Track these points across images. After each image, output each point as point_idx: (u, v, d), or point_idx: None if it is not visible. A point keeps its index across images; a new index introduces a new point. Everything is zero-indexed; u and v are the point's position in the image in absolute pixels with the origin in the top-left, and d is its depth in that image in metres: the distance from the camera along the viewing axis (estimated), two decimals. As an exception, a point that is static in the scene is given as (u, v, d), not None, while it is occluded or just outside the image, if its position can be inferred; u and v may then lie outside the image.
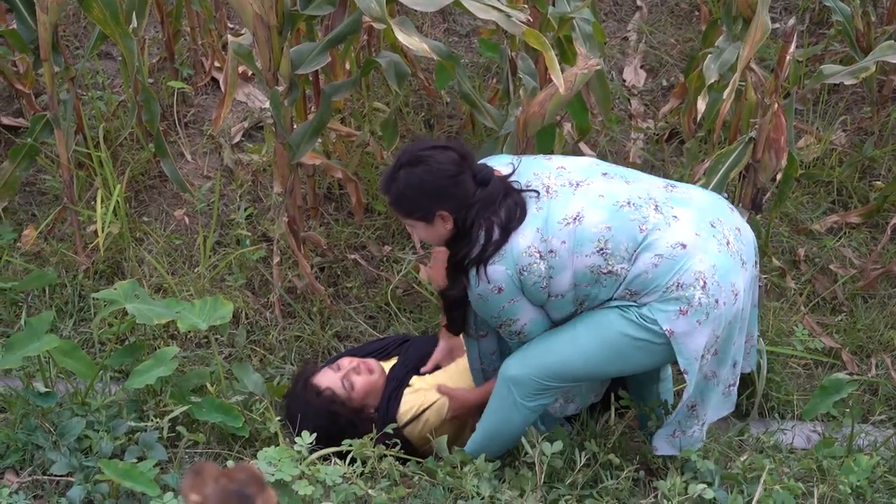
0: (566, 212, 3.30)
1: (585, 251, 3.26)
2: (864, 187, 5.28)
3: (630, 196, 3.34)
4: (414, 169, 3.34)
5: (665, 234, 3.27)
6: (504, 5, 3.78)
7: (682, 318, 3.25)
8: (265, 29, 3.86)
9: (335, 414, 3.79)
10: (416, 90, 5.56)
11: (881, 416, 4.29)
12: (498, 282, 3.31)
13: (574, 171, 3.42)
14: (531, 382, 3.46)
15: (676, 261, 3.25)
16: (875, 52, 4.19)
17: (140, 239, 4.82)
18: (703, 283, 3.23)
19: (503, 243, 3.29)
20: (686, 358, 3.29)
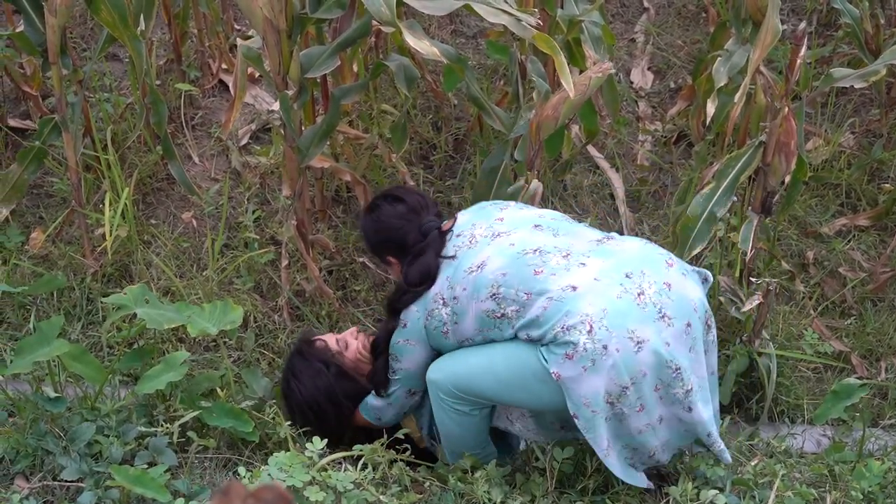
0: (473, 261, 3.47)
1: (481, 296, 3.39)
2: (873, 190, 5.28)
3: (542, 245, 3.41)
4: (368, 216, 3.81)
5: (560, 279, 3.29)
6: (513, 9, 3.77)
7: (568, 363, 3.20)
8: (274, 32, 3.86)
9: (327, 362, 3.88)
10: (423, 92, 5.55)
11: (891, 421, 4.29)
12: (407, 318, 3.59)
13: (507, 222, 3.59)
14: (447, 389, 3.49)
15: (564, 303, 3.23)
16: (885, 56, 4.18)
17: (148, 242, 4.81)
18: (589, 328, 3.17)
19: (416, 297, 3.57)
20: (574, 403, 3.23)
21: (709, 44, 5.34)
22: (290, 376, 3.89)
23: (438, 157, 5.28)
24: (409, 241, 3.65)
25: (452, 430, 3.59)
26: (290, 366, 3.92)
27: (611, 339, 3.17)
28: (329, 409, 3.86)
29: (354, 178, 4.58)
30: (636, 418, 3.28)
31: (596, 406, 3.22)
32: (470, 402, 3.50)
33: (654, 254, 3.45)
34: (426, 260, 3.57)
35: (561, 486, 3.53)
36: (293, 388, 3.87)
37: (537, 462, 3.51)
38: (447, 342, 3.52)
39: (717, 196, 4.12)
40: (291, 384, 3.88)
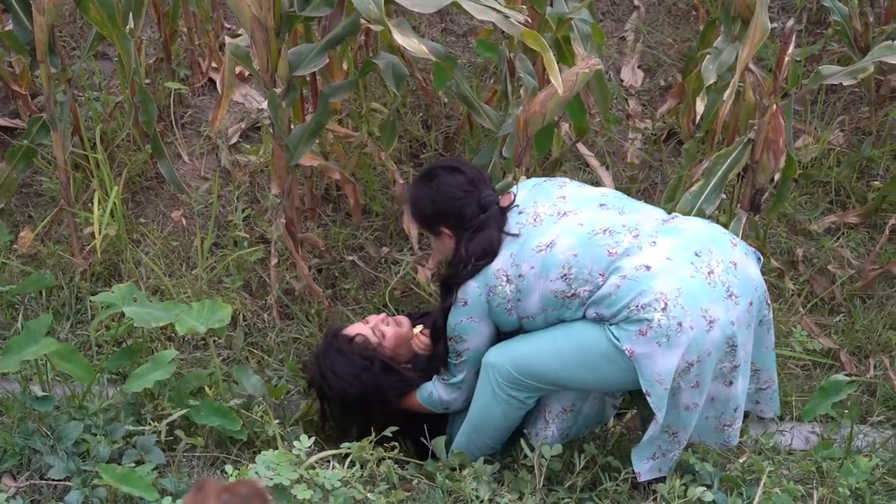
0: (541, 239, 3.45)
1: (551, 276, 3.38)
2: (862, 187, 5.29)
3: (612, 225, 3.42)
4: (426, 185, 3.69)
5: (633, 258, 3.32)
6: (502, 6, 3.77)
7: (642, 339, 3.24)
8: (263, 31, 3.85)
9: (371, 358, 3.87)
10: (413, 90, 5.55)
11: (879, 417, 4.29)
12: (466, 296, 3.54)
13: (571, 201, 3.57)
14: (507, 373, 3.49)
15: (638, 282, 3.27)
16: (873, 53, 4.19)
17: (137, 241, 4.81)
18: (664, 305, 3.23)
19: (474, 273, 3.52)
20: (647, 379, 3.28)
21: (698, 42, 5.34)
22: (329, 374, 3.87)
23: (428, 156, 5.28)
24: (467, 214, 3.59)
25: (494, 418, 3.61)
26: (327, 363, 3.89)
27: (685, 317, 3.24)
28: (376, 405, 3.84)
29: (344, 176, 4.58)
30: (689, 394, 3.36)
31: (667, 382, 3.28)
32: (527, 388, 3.52)
33: (718, 233, 3.51)
34: (488, 234, 3.53)
35: (549, 484, 3.53)
36: (334, 387, 3.86)
37: (525, 459, 3.51)
38: (509, 318, 3.52)
39: (706, 193, 4.12)
40: (332, 382, 3.86)
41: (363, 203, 4.91)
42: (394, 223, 4.93)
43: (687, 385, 3.33)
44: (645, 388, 3.29)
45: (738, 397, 3.49)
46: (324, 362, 3.90)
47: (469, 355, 3.64)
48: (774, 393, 3.70)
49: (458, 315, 3.58)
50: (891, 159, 5.33)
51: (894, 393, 4.35)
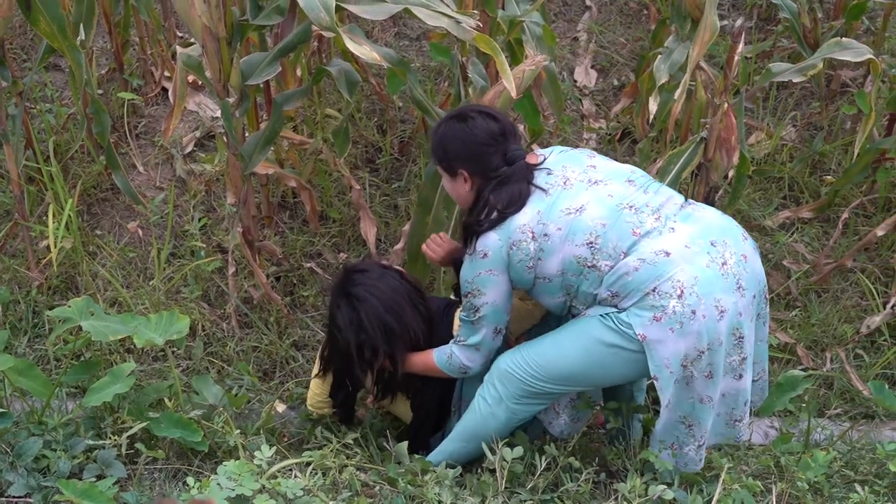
0: (571, 203, 3.40)
1: (577, 241, 3.35)
2: (815, 182, 5.33)
3: (637, 202, 3.41)
4: (456, 124, 3.55)
5: (654, 242, 3.33)
6: (454, 11, 3.78)
7: (656, 325, 3.27)
8: (214, 40, 3.84)
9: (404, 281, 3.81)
10: (367, 95, 5.55)
11: (837, 410, 4.34)
12: (487, 248, 3.44)
13: (601, 171, 3.52)
14: (517, 381, 3.49)
15: (657, 267, 3.28)
16: (822, 49, 4.23)
17: (94, 253, 4.78)
18: (679, 293, 3.25)
19: (499, 222, 3.42)
20: (656, 363, 3.31)
21: (650, 41, 5.38)
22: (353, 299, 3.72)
23: (384, 160, 5.28)
24: (491, 163, 3.50)
25: (491, 428, 3.60)
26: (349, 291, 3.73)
27: (699, 306, 3.27)
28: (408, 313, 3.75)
29: (300, 183, 4.58)
30: (702, 384, 3.39)
31: (674, 367, 3.32)
32: (538, 397, 3.53)
33: (732, 225, 3.53)
34: (517, 186, 3.46)
35: (511, 486, 3.54)
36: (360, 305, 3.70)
37: (487, 462, 3.52)
38: (527, 276, 3.47)
39: (660, 192, 4.14)
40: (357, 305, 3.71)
41: (320, 209, 4.91)
42: (351, 229, 4.93)
43: (700, 374, 3.36)
44: (653, 373, 3.32)
45: (746, 391, 3.52)
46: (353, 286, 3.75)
47: (487, 310, 3.53)
48: (765, 383, 3.73)
49: (476, 267, 3.49)
50: (842, 154, 5.38)
51: (851, 386, 4.39)
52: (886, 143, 4.88)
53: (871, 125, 4.43)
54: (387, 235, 4.93)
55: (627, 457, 3.70)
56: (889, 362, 4.50)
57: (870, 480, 3.71)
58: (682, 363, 3.32)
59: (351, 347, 3.69)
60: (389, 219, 5.01)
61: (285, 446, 3.88)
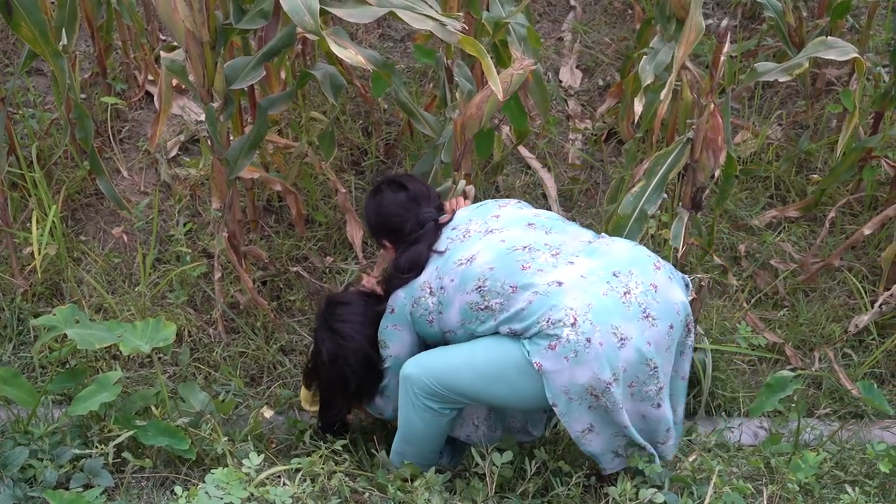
0: (463, 254, 3.54)
1: (467, 288, 3.45)
2: (802, 181, 5.33)
3: (533, 242, 3.49)
4: (371, 199, 3.91)
5: (546, 274, 3.37)
6: (439, 14, 3.76)
7: (551, 353, 3.24)
8: (197, 45, 3.82)
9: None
10: (352, 97, 5.53)
11: (826, 410, 4.33)
12: (393, 304, 3.66)
13: (502, 220, 3.67)
14: (423, 384, 3.47)
15: (549, 297, 3.29)
16: (808, 49, 4.22)
17: (78, 259, 4.75)
18: (573, 321, 3.23)
19: (404, 283, 3.64)
20: (552, 392, 3.28)
21: (636, 41, 5.37)
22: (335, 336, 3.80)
23: (370, 163, 5.26)
24: (405, 229, 3.76)
25: (416, 428, 3.57)
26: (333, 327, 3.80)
27: (594, 333, 3.23)
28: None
29: (285, 187, 4.55)
30: (620, 415, 3.33)
31: (574, 394, 3.28)
32: (443, 399, 3.49)
33: (642, 255, 3.51)
34: (418, 250, 3.67)
35: (501, 491, 3.53)
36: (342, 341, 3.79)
37: (476, 467, 3.50)
38: (431, 330, 3.59)
39: (648, 194, 4.13)
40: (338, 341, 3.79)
41: (306, 213, 4.89)
42: (337, 232, 4.91)
43: (615, 406, 3.29)
44: (551, 400, 3.29)
45: (667, 419, 3.47)
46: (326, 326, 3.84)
47: (391, 362, 3.71)
48: (679, 426, 3.66)
49: (385, 321, 3.69)
50: (828, 152, 5.38)
51: (840, 385, 4.38)
52: (872, 142, 4.88)
53: (854, 124, 4.42)
54: (373, 238, 4.91)
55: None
56: (877, 361, 4.50)
57: (860, 481, 3.72)
58: (591, 393, 3.26)
59: (335, 381, 3.82)
60: (376, 221, 4.98)
61: (273, 452, 3.87)
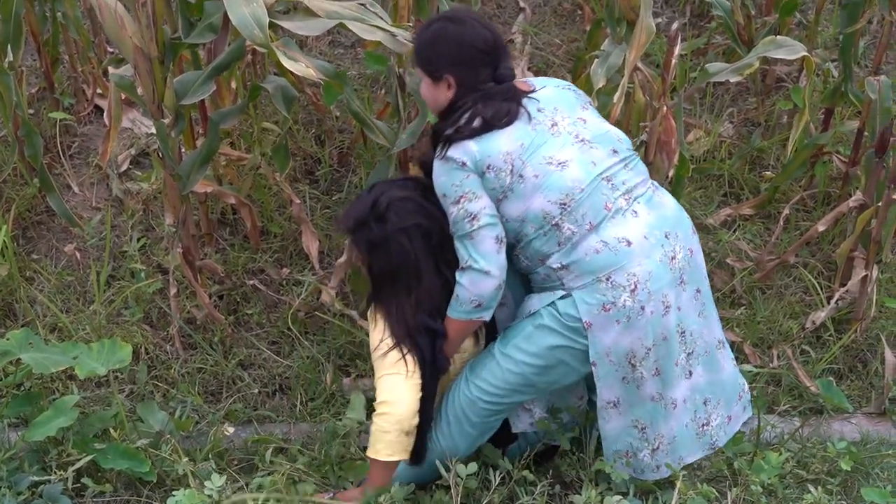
0: (555, 154, 3.29)
1: (550, 196, 3.26)
2: (755, 178, 5.36)
3: (616, 177, 3.36)
4: (451, 25, 3.37)
5: (618, 225, 3.30)
6: (389, 25, 3.75)
7: (603, 315, 3.26)
8: (146, 60, 3.78)
9: None
10: (304, 106, 5.50)
11: (786, 407, 4.35)
12: (465, 157, 3.26)
13: (590, 129, 3.41)
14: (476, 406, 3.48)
15: (617, 255, 3.26)
16: (758, 48, 4.24)
17: (30, 278, 4.70)
18: (633, 287, 3.25)
19: (481, 132, 3.27)
20: (597, 350, 3.30)
21: (586, 42, 5.37)
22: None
23: (324, 172, 5.23)
24: (480, 74, 3.33)
25: (467, 437, 3.58)
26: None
27: (648, 302, 3.28)
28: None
29: (239, 199, 4.52)
30: (652, 383, 3.39)
31: (616, 358, 3.31)
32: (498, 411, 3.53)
33: (684, 217, 3.52)
34: (507, 105, 3.30)
35: (467, 502, 3.52)
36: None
37: (441, 480, 3.49)
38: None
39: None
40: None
41: (261, 225, 4.85)
42: (293, 243, 4.88)
43: (649, 374, 3.37)
44: (592, 359, 3.31)
45: (702, 388, 3.52)
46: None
47: (486, 216, 3.28)
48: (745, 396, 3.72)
49: (457, 174, 3.27)
50: (780, 149, 5.41)
51: (798, 382, 4.41)
52: (823, 139, 4.92)
53: (804, 121, 4.45)
54: (329, 248, 4.88)
55: (582, 467, 3.69)
56: (835, 357, 4.53)
57: (822, 479, 3.75)
58: (630, 360, 3.32)
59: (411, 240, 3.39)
60: (332, 231, 4.96)
61: (235, 470, 3.83)
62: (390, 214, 3.39)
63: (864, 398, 4.45)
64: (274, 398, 4.34)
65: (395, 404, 3.36)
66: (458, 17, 3.41)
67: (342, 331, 4.45)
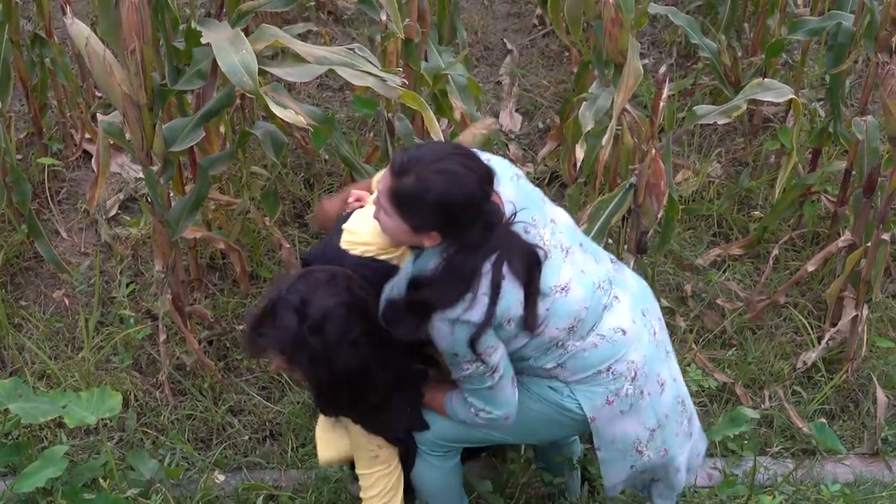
0: (558, 279, 3.07)
1: (559, 324, 3.07)
2: (744, 218, 5.36)
3: (600, 278, 3.18)
4: (435, 173, 2.89)
5: (609, 316, 3.19)
6: (378, 70, 3.76)
7: (608, 408, 3.19)
8: (135, 108, 3.77)
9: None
10: (293, 150, 5.50)
11: (778, 448, 4.34)
12: (472, 317, 2.96)
13: (563, 231, 3.16)
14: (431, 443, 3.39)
15: (616, 347, 3.17)
16: (745, 91, 4.25)
17: (19, 325, 4.67)
18: (633, 375, 3.19)
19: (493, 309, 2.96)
20: (603, 440, 3.25)
21: (574, 83, 5.39)
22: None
23: (313, 216, 5.22)
24: (474, 229, 2.94)
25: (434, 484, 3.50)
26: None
27: (647, 385, 3.23)
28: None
29: (228, 244, 4.51)
30: (660, 462, 3.35)
31: (623, 446, 3.26)
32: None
33: (646, 287, 3.47)
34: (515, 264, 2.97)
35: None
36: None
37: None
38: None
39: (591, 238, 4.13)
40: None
41: (250, 269, 4.84)
42: (282, 288, 4.86)
43: (657, 455, 3.32)
44: (597, 445, 3.26)
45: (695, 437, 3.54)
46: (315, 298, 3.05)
47: (504, 364, 3.10)
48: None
49: (486, 339, 3.01)
50: (769, 189, 5.42)
51: (791, 423, 4.40)
52: (811, 179, 4.93)
53: (793, 162, 4.47)
54: (319, 292, 4.86)
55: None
56: (826, 397, 4.52)
57: (816, 523, 3.73)
58: (636, 448, 3.27)
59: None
60: (321, 275, 4.94)
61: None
62: (328, 326, 3.01)
63: (857, 438, 4.44)
64: (264, 444, 4.31)
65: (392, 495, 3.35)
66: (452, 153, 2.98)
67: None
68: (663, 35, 6.51)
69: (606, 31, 4.06)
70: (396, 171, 2.89)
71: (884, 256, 4.44)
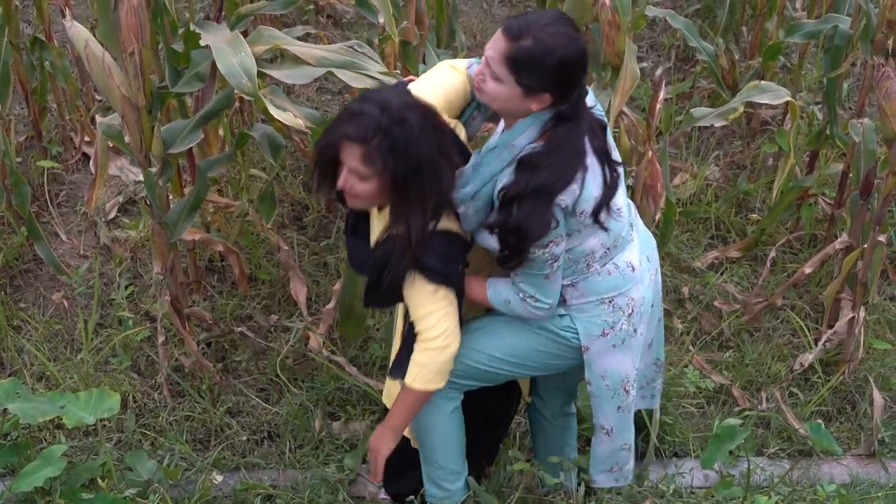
0: (617, 201, 3.17)
1: (606, 240, 3.18)
2: (741, 221, 5.38)
3: (632, 211, 3.39)
4: (578, 34, 3.02)
5: (626, 249, 3.30)
6: (377, 73, 3.77)
7: (601, 340, 3.29)
8: (134, 110, 3.78)
9: None
10: (291, 152, 5.52)
11: (775, 449, 4.35)
12: (570, 199, 3.04)
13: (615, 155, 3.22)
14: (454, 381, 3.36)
15: (625, 280, 3.27)
16: (742, 93, 4.27)
17: (18, 327, 4.69)
18: (630, 311, 3.30)
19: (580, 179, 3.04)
20: (593, 372, 3.34)
21: (572, 87, 5.39)
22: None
23: (311, 218, 5.24)
24: (573, 93, 3.03)
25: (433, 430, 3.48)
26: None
27: (640, 325, 3.36)
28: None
29: (227, 247, 4.52)
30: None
31: (611, 382, 3.37)
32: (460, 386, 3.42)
33: (651, 237, 3.54)
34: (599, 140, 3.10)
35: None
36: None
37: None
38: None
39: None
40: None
41: (248, 271, 4.85)
42: (281, 290, 4.87)
43: (631, 387, 3.44)
44: (588, 378, 3.35)
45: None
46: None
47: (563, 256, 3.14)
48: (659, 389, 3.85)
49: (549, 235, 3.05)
50: (766, 192, 5.44)
51: (787, 425, 4.41)
52: (808, 181, 4.95)
53: (790, 165, 4.48)
54: (317, 294, 4.88)
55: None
56: (823, 399, 4.53)
57: (812, 523, 3.74)
58: (624, 386, 3.39)
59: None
60: (319, 277, 4.97)
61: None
62: (410, 117, 3.02)
63: (854, 439, 4.45)
64: (262, 445, 4.32)
65: (454, 338, 3.24)
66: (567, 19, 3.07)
67: (331, 377, 4.44)
68: (662, 38, 6.53)
69: (604, 34, 4.07)
70: (514, 35, 2.95)
71: (880, 258, 4.45)
